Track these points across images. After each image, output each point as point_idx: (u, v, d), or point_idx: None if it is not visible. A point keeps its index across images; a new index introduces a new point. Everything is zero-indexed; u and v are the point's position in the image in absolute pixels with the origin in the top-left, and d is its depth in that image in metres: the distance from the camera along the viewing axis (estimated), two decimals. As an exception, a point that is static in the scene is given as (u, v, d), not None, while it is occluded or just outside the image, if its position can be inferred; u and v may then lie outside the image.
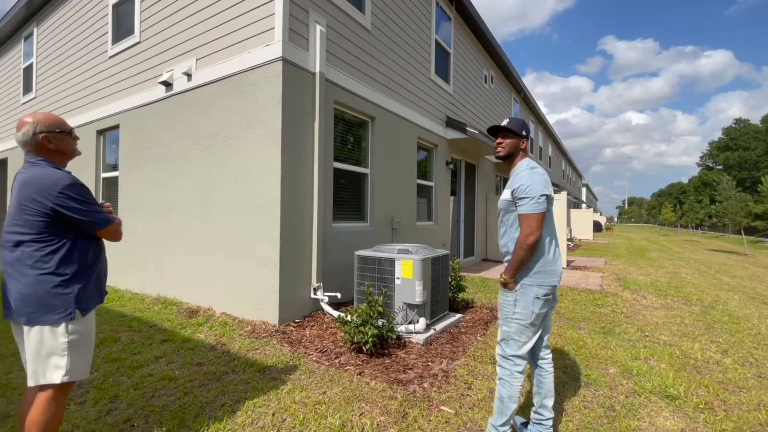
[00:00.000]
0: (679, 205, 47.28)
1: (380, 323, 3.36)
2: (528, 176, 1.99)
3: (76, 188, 1.62)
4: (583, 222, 20.65)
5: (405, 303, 3.82)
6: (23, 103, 8.80)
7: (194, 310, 4.50)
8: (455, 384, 2.83)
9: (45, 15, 8.00)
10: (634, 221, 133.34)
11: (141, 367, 3.05)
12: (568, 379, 2.95)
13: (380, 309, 3.31)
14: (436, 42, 7.41)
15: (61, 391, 1.66)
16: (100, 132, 6.43)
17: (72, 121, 6.99)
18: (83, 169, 6.67)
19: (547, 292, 1.99)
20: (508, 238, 2.09)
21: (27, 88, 8.69)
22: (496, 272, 7.93)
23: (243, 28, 4.22)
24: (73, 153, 1.79)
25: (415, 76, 6.61)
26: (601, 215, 46.59)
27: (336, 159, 4.87)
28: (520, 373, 2.00)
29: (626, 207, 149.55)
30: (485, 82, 10.26)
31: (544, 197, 1.95)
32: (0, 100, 9.95)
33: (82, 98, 6.82)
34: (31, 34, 8.50)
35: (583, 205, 34.46)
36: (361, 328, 3.24)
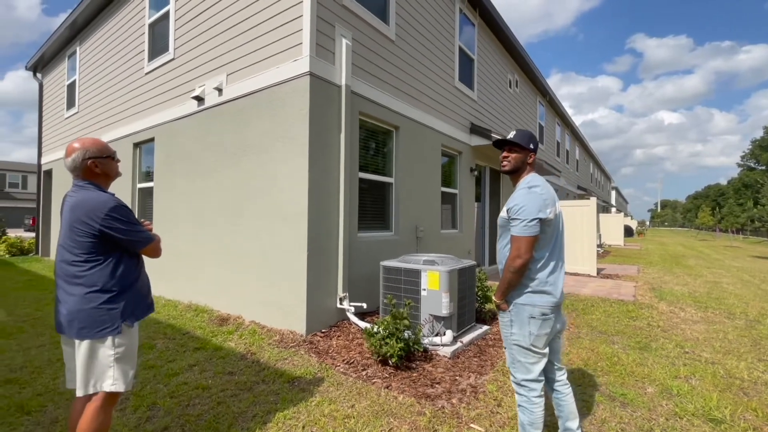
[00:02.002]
0: (717, 208, 44.87)
1: (406, 335, 3.36)
2: (523, 196, 1.92)
3: (121, 210, 1.71)
4: (612, 227, 19.91)
5: (431, 315, 3.80)
6: (66, 118, 9.35)
7: (224, 318, 4.63)
8: (484, 400, 2.79)
9: (87, 34, 8.50)
10: (668, 225, 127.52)
11: (176, 375, 3.16)
12: (603, 398, 2.85)
13: (406, 322, 3.31)
14: (460, 49, 7.38)
15: (108, 400, 1.76)
16: (136, 145, 6.75)
17: (110, 135, 7.37)
18: (120, 179, 7.01)
19: (544, 311, 1.90)
20: (502, 256, 2.04)
21: (70, 103, 9.24)
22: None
23: (271, 44, 4.34)
24: (116, 175, 1.89)
25: (439, 84, 6.60)
26: (631, 219, 44.79)
27: (361, 169, 4.92)
28: (538, 397, 1.93)
29: (659, 210, 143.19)
30: (510, 86, 10.12)
31: (537, 221, 1.85)
32: (46, 115, 10.62)
33: (120, 113, 7.18)
34: (74, 52, 9.04)
35: (613, 209, 33.28)
36: (388, 341, 3.24)
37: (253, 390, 2.92)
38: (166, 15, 6.03)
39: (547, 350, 1.97)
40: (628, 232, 29.63)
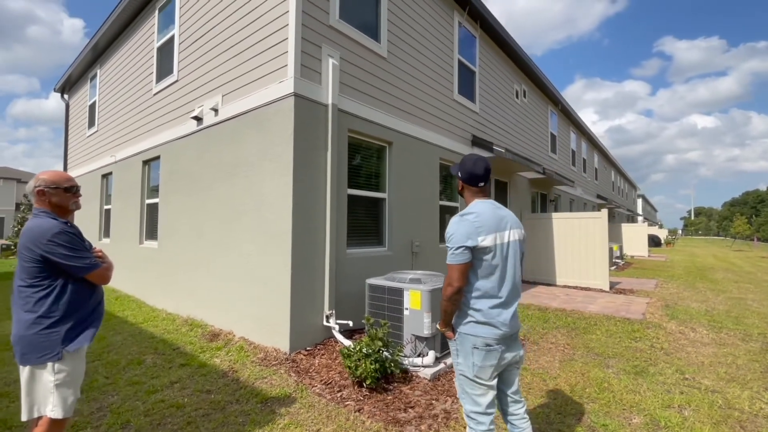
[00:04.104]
0: (754, 216, 42.31)
1: (385, 356, 3.31)
2: (454, 224, 1.92)
3: (65, 236, 1.79)
4: (635, 237, 19.13)
5: (413, 335, 3.74)
6: (88, 136, 9.87)
7: (216, 333, 4.70)
8: (455, 428, 2.70)
9: (106, 57, 8.99)
10: (702, 234, 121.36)
11: (156, 392, 3.23)
12: (581, 428, 2.71)
13: (380, 342, 3.27)
14: (460, 62, 7.35)
15: (53, 425, 1.81)
16: (145, 162, 7.04)
17: (123, 153, 7.73)
18: (130, 196, 7.32)
19: (488, 342, 1.84)
20: None
21: (91, 122, 9.76)
22: (525, 296, 7.54)
23: (260, 66, 4.47)
24: (67, 207, 1.96)
25: (436, 98, 6.58)
26: (660, 228, 42.87)
27: (351, 186, 4.94)
28: (487, 431, 1.86)
29: (692, 218, 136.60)
30: (516, 97, 9.99)
31: (464, 248, 1.82)
32: (71, 133, 11.24)
33: (132, 131, 7.52)
34: (95, 74, 9.57)
35: (639, 218, 32.00)
36: (362, 362, 3.21)
37: (225, 410, 2.94)
38: (172, 39, 6.30)
39: (494, 382, 1.89)
40: (654, 242, 28.34)
